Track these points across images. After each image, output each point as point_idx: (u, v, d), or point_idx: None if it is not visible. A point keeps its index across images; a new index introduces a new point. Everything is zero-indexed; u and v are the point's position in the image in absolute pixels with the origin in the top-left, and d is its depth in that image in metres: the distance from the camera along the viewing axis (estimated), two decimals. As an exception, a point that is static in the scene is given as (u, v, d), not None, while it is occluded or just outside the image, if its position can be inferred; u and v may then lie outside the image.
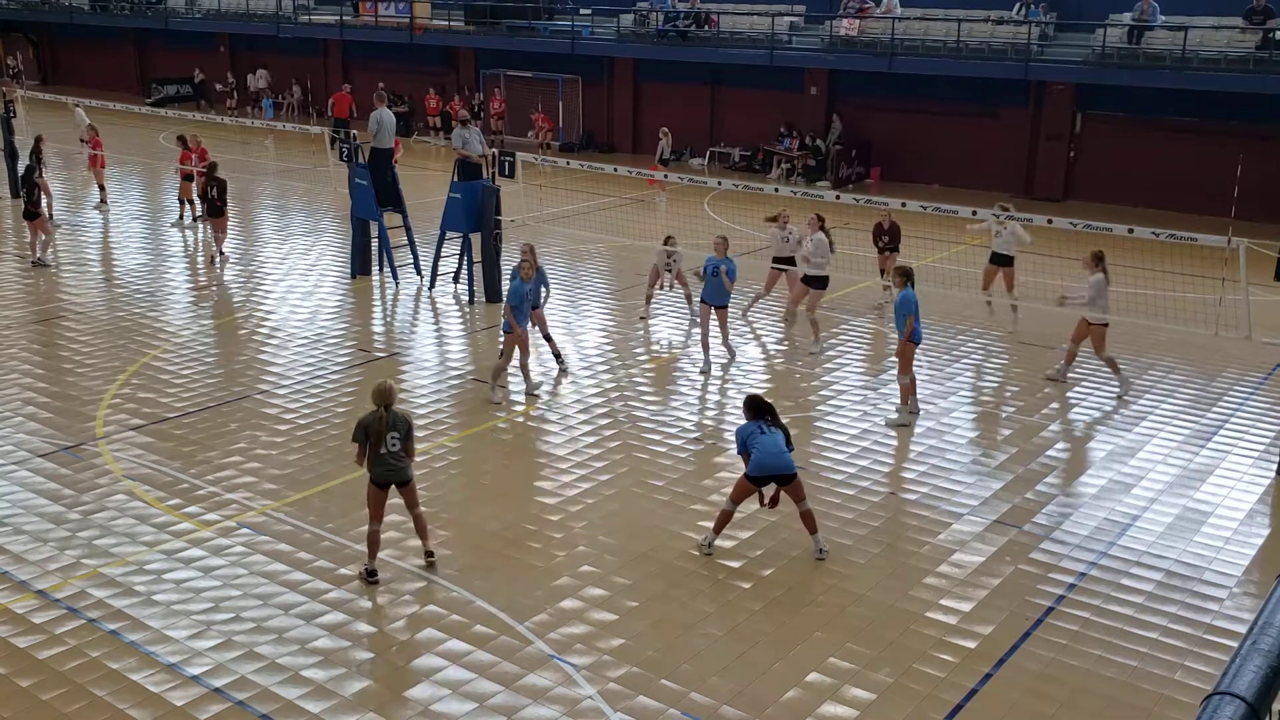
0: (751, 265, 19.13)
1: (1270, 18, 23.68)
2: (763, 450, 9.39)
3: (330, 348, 15.32)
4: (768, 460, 9.40)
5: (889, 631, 8.68)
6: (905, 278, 12.56)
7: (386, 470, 9.05)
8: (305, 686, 7.88)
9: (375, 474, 9.08)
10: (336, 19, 37.56)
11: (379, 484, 9.10)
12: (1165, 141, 25.60)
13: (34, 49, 48.87)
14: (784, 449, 9.46)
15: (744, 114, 31.37)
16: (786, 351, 15.65)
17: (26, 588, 9.12)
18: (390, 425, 8.97)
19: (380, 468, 9.04)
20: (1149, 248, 18.27)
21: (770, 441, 9.42)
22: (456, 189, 17.60)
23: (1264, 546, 10.18)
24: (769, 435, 9.46)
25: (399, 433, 9.02)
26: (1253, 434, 12.80)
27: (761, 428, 9.49)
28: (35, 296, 17.71)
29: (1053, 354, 15.54)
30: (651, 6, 32.36)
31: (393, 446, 9.00)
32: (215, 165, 20.51)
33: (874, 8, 28.60)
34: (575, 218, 23.70)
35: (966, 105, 27.89)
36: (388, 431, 8.95)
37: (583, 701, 7.76)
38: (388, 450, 8.99)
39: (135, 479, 11.14)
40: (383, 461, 9.02)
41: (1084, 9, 26.58)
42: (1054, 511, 10.75)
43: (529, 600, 9.01)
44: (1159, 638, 8.69)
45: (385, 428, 8.95)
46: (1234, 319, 14.28)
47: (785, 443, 9.50)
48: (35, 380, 13.87)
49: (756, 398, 9.80)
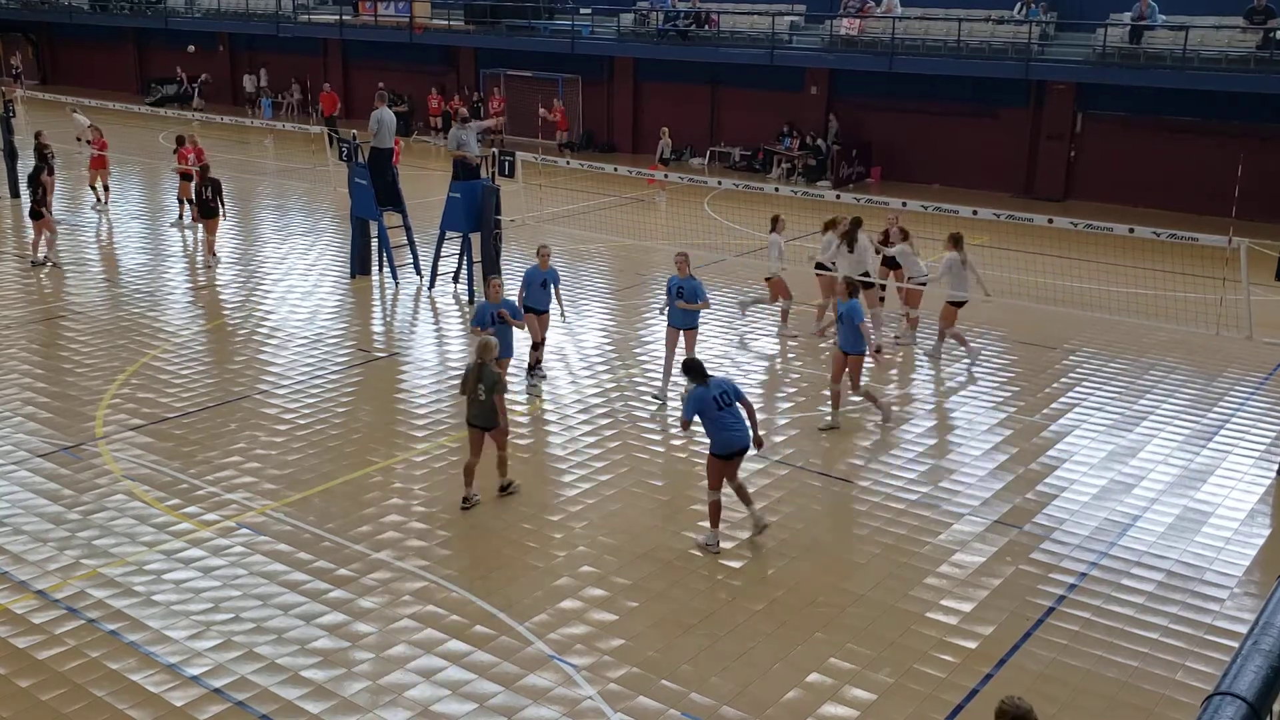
0: (751, 265, 19.12)
1: (1271, 17, 23.66)
2: (728, 428, 9.52)
3: (330, 348, 15.31)
4: (734, 439, 9.55)
5: (889, 632, 8.67)
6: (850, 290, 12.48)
7: (474, 413, 10.44)
8: (305, 687, 7.87)
9: (467, 414, 10.53)
10: (336, 19, 37.56)
11: (469, 424, 10.53)
12: (1166, 141, 25.58)
13: (34, 49, 48.86)
14: (743, 422, 9.66)
15: (744, 114, 31.36)
16: (786, 352, 15.63)
17: (26, 588, 9.12)
18: (479, 378, 10.28)
19: (471, 410, 10.46)
20: (1149, 248, 18.27)
21: (734, 420, 9.54)
22: (456, 189, 17.59)
23: (1265, 547, 10.17)
24: (728, 412, 9.53)
25: (485, 385, 10.26)
26: (1253, 434, 12.79)
27: (718, 401, 9.51)
28: (35, 296, 17.70)
29: (1053, 354, 15.54)
30: (651, 6, 32.35)
31: (480, 396, 10.31)
32: (207, 167, 20.37)
33: (874, 7, 28.59)
34: (575, 218, 23.69)
35: (967, 105, 27.88)
36: (477, 382, 10.30)
37: (583, 702, 7.76)
38: (476, 398, 10.36)
39: (135, 479, 11.13)
40: (473, 404, 10.42)
41: (1084, 9, 26.57)
42: (1054, 512, 10.74)
43: (529, 600, 9.00)
44: (1160, 638, 8.68)
45: (475, 379, 10.32)
46: (1235, 319, 14.27)
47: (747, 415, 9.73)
48: (35, 380, 13.86)
49: (696, 362, 9.97)
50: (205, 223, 19.79)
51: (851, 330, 12.30)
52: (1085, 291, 17.75)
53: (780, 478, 11.37)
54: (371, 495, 10.88)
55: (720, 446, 9.53)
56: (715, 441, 9.55)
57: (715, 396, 9.51)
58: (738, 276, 19.14)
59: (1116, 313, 16.16)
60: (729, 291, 18.33)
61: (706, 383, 9.62)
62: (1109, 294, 17.48)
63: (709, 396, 9.51)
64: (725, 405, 9.53)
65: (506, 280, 15.07)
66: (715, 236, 22.36)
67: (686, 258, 13.31)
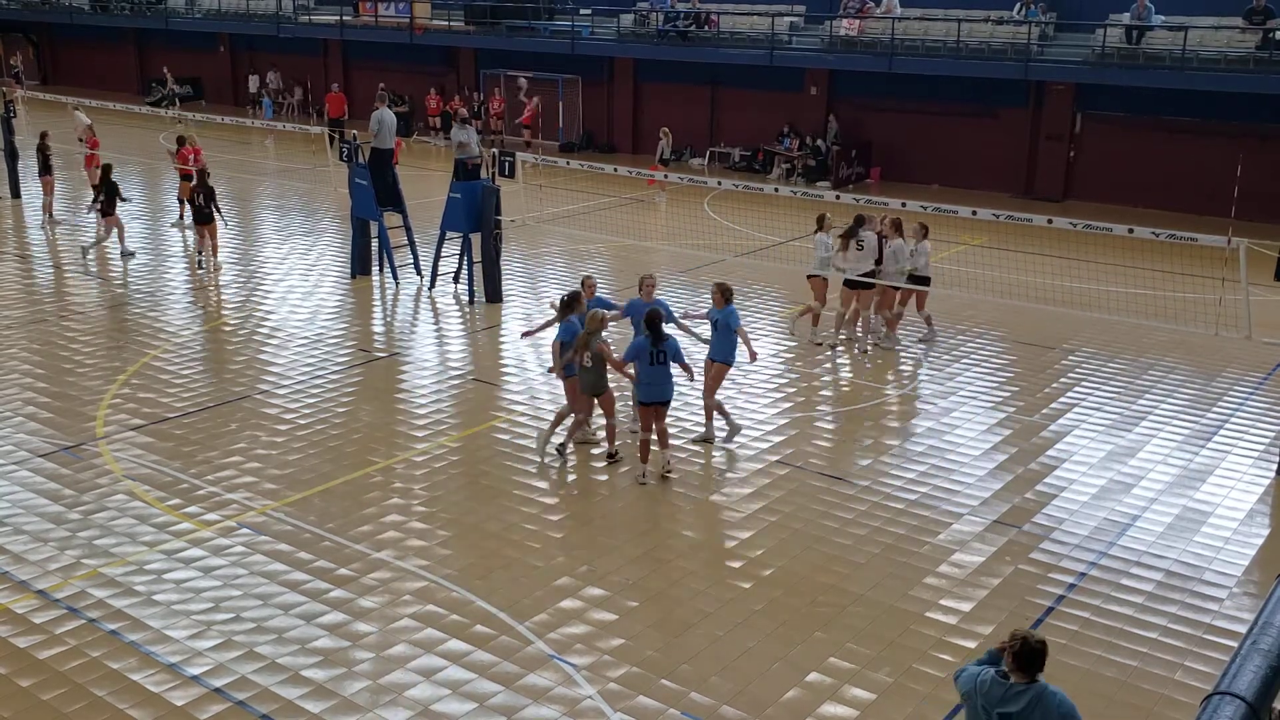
0: (750, 265, 19.13)
1: (1270, 18, 23.67)
2: (651, 382, 10.96)
3: (330, 348, 15.32)
4: (652, 391, 10.99)
5: (889, 631, 8.68)
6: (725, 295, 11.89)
7: (586, 382, 11.08)
8: (305, 686, 7.88)
9: (580, 380, 11.16)
10: (336, 19, 37.56)
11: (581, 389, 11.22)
12: (1165, 141, 25.59)
13: (34, 49, 48.86)
14: (670, 381, 11.01)
15: (744, 114, 31.37)
16: (786, 353, 15.64)
17: (26, 588, 9.13)
18: (586, 346, 10.91)
19: (580, 375, 11.10)
20: (1149, 248, 18.28)
21: (661, 377, 10.95)
22: (456, 189, 17.60)
23: (1264, 547, 10.18)
24: (659, 369, 10.92)
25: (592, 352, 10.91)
26: (1253, 434, 12.80)
27: (653, 356, 10.86)
28: (35, 296, 17.71)
29: (1053, 353, 15.55)
30: (651, 6, 32.36)
31: (587, 364, 10.93)
32: (206, 172, 19.92)
33: (874, 8, 28.60)
34: (575, 218, 23.70)
35: (966, 105, 27.89)
36: (584, 350, 10.90)
37: (583, 701, 7.76)
38: (582, 365, 10.95)
39: (135, 479, 11.14)
40: (582, 372, 11.04)
41: (1084, 9, 26.58)
42: (1054, 511, 10.75)
43: (529, 600, 9.01)
44: (1159, 638, 8.69)
45: (582, 346, 10.91)
46: (1234, 319, 14.29)
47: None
48: (35, 380, 13.87)
49: (655, 316, 11.02)
50: (201, 229, 19.18)
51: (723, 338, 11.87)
52: (1084, 292, 17.76)
53: (780, 478, 11.38)
54: (371, 495, 10.89)
55: (642, 395, 11.09)
56: (639, 390, 11.13)
57: (652, 351, 10.87)
58: (737, 277, 19.13)
59: (1116, 313, 16.17)
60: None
61: (658, 339, 10.90)
62: (1108, 294, 17.49)
63: (647, 348, 10.90)
64: (659, 362, 10.92)
65: None
66: (715, 237, 22.37)
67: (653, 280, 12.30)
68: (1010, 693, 5.37)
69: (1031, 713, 5.33)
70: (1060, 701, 5.39)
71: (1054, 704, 5.37)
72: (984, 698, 5.43)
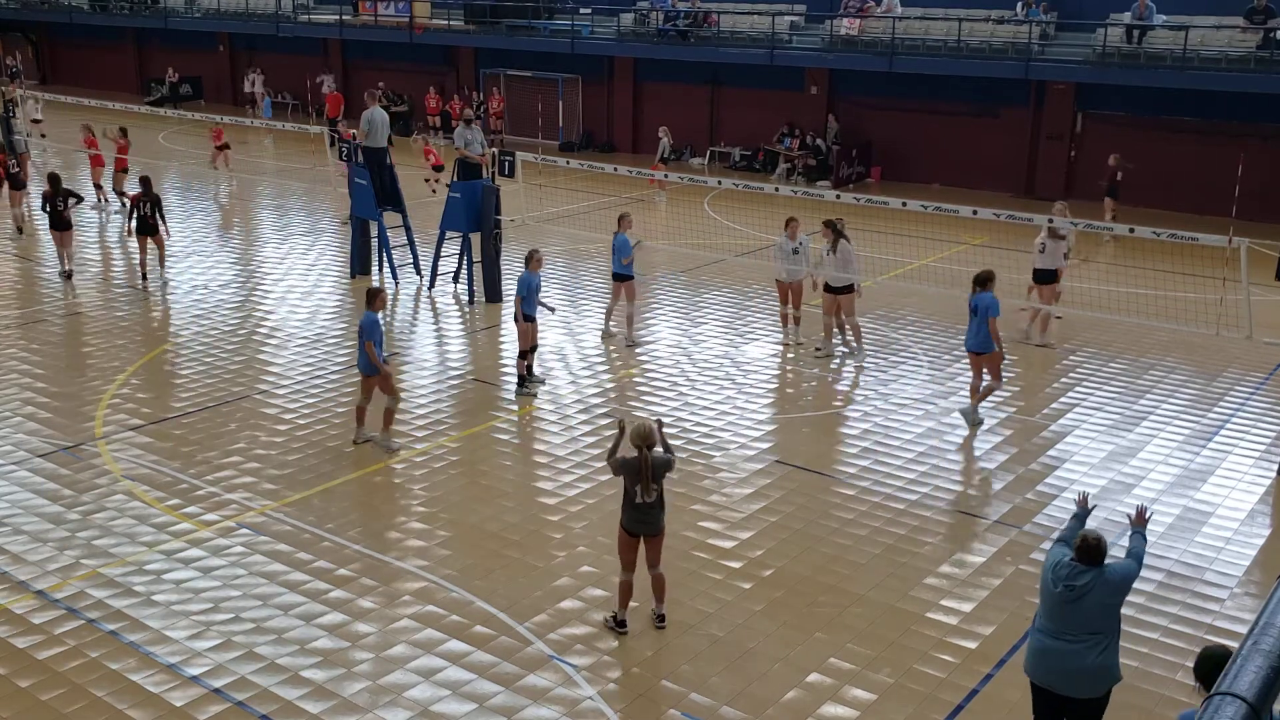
0: (750, 265, 19.13)
1: (1271, 17, 23.65)
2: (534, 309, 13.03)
3: (330, 348, 15.31)
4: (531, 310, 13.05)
5: (889, 632, 8.68)
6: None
7: (638, 519, 8.17)
8: (305, 687, 7.87)
9: (626, 521, 8.23)
10: (336, 18, 37.55)
11: (630, 532, 8.24)
12: (1166, 141, 25.57)
13: (33, 49, 48.85)
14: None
15: (744, 113, 31.35)
16: (787, 353, 15.63)
17: (26, 588, 9.12)
18: (652, 472, 8.04)
19: (632, 514, 8.17)
20: (1149, 247, 18.30)
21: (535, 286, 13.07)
22: (456, 188, 17.59)
23: (1265, 547, 10.18)
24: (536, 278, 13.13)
25: (658, 481, 8.08)
26: (1253, 434, 12.78)
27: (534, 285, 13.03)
28: (36, 296, 17.70)
29: (1053, 354, 15.54)
30: (651, 6, 32.34)
31: (649, 497, 8.07)
32: (149, 180, 18.54)
33: (874, 7, 28.59)
34: (575, 218, 23.69)
35: (967, 105, 27.88)
36: (649, 479, 8.03)
37: (583, 702, 7.76)
38: (643, 500, 8.06)
39: (134, 479, 11.13)
40: (637, 510, 8.13)
41: (1084, 8, 26.56)
42: (1054, 512, 10.74)
43: (529, 600, 9.00)
44: (1159, 638, 8.69)
45: (647, 473, 8.01)
46: (1235, 319, 14.28)
47: None
48: (35, 380, 13.86)
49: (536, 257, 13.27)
50: (144, 239, 18.09)
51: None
52: (1085, 291, 17.75)
53: (780, 477, 11.37)
54: (371, 495, 10.88)
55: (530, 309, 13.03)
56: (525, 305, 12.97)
57: (536, 285, 13.06)
58: (737, 277, 19.14)
59: (1116, 313, 16.16)
60: (729, 292, 18.33)
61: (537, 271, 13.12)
62: (1109, 294, 17.49)
63: (535, 284, 13.06)
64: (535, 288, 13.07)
65: None
66: (715, 236, 22.36)
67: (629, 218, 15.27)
68: (1075, 572, 6.54)
69: (1092, 589, 6.45)
70: (1114, 572, 6.53)
71: (1116, 578, 6.52)
72: (1053, 573, 6.61)
